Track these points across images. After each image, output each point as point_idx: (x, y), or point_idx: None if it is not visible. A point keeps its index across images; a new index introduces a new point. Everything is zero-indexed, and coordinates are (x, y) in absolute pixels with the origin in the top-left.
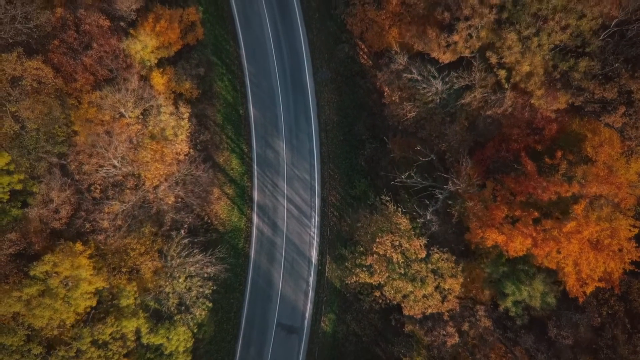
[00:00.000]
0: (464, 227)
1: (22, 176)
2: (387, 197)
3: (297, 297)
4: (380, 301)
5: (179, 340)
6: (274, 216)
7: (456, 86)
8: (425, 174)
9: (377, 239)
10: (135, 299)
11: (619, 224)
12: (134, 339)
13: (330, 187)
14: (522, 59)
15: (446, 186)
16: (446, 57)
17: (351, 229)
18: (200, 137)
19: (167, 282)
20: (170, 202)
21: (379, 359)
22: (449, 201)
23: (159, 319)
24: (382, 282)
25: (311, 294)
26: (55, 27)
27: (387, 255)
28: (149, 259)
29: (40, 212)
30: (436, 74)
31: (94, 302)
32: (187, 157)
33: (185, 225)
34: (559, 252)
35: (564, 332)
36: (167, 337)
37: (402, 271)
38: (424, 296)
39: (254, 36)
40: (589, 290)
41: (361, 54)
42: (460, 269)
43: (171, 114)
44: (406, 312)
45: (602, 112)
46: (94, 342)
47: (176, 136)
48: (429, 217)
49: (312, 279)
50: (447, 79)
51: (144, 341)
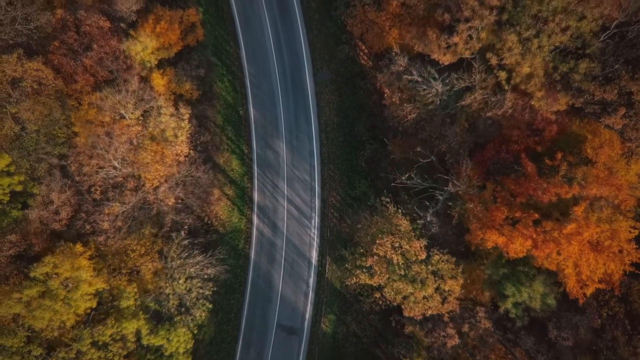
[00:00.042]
0: (464, 229)
1: (22, 177)
2: (387, 199)
3: (297, 298)
4: (380, 302)
5: (179, 341)
6: (274, 217)
7: (456, 88)
8: (425, 175)
9: (378, 241)
10: (135, 300)
11: (619, 225)
12: (134, 340)
13: (330, 188)
14: (523, 60)
15: (446, 187)
16: (446, 59)
17: (351, 230)
18: (200, 138)
19: (168, 284)
20: (170, 203)
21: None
22: (449, 202)
23: (159, 320)
24: (382, 284)
25: (311, 295)
26: (55, 28)
27: (388, 256)
28: (149, 260)
29: (40, 214)
30: (436, 76)
31: (94, 304)
32: (187, 158)
33: (185, 226)
34: (559, 254)
35: (564, 334)
36: (167, 339)
37: (402, 272)
38: (424, 297)
39: (254, 37)
40: (589, 291)
41: (361, 55)
42: (460, 270)
43: (171, 115)
44: (406, 313)
45: (602, 114)
46: (94, 344)
47: (176, 137)
48: (429, 218)
49: (312, 280)
50: (447, 81)
51: (144, 342)
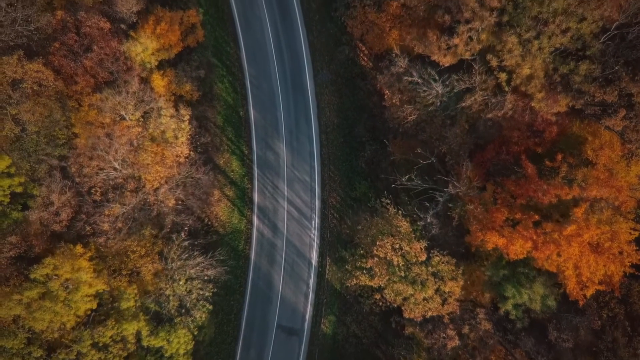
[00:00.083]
0: (465, 230)
1: (22, 179)
2: (388, 200)
3: (297, 299)
4: (380, 304)
5: (179, 342)
6: (274, 218)
7: (457, 89)
8: (425, 176)
9: (378, 242)
10: (135, 301)
11: (619, 227)
12: (134, 341)
13: (330, 189)
14: (523, 62)
15: (446, 189)
16: (447, 60)
17: (351, 231)
18: (200, 140)
19: (168, 285)
20: (170, 204)
21: None
22: (450, 204)
23: (160, 321)
24: (382, 285)
25: (311, 296)
26: (55, 29)
27: (388, 258)
28: (150, 262)
29: (40, 215)
30: (437, 77)
31: (95, 305)
32: (187, 159)
33: (185, 227)
34: (559, 255)
35: (565, 335)
36: (168, 340)
37: (402, 274)
38: (425, 299)
39: (255, 38)
40: (589, 293)
41: (361, 56)
42: (460, 271)
43: (172, 116)
44: (406, 314)
45: (602, 115)
46: (95, 345)
47: (177, 138)
48: (429, 219)
49: (312, 281)
50: (447, 82)
51: (145, 344)
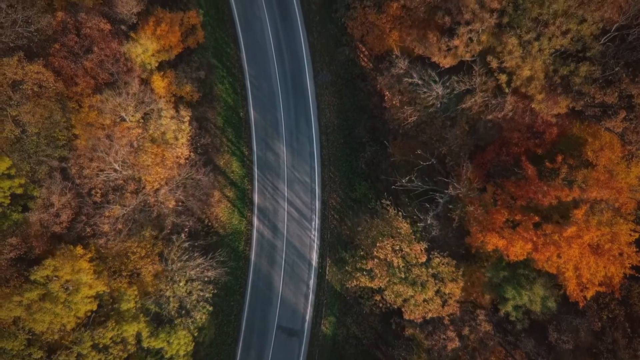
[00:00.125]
0: (465, 231)
1: (22, 180)
2: (388, 201)
3: (298, 300)
4: (380, 305)
5: (179, 344)
6: (275, 219)
7: (457, 90)
8: (425, 177)
9: (378, 243)
10: (135, 302)
11: (619, 228)
12: (134, 342)
13: (330, 190)
14: (523, 63)
15: (447, 190)
16: (447, 62)
17: (352, 232)
18: (200, 141)
19: (168, 286)
20: (170, 205)
21: None
22: (450, 205)
23: (160, 322)
24: (382, 286)
25: (311, 296)
26: (56, 30)
27: (388, 259)
28: (150, 263)
29: (41, 216)
30: (437, 78)
31: (95, 306)
32: (187, 160)
33: (185, 228)
34: (559, 257)
35: (565, 336)
36: (168, 341)
37: (402, 275)
38: (425, 300)
39: (255, 39)
40: (590, 294)
41: (362, 57)
42: (460, 273)
43: (172, 117)
44: (406, 316)
45: (602, 117)
46: (95, 346)
47: (177, 140)
48: (429, 221)
49: (312, 282)
50: (447, 83)
51: (145, 345)
